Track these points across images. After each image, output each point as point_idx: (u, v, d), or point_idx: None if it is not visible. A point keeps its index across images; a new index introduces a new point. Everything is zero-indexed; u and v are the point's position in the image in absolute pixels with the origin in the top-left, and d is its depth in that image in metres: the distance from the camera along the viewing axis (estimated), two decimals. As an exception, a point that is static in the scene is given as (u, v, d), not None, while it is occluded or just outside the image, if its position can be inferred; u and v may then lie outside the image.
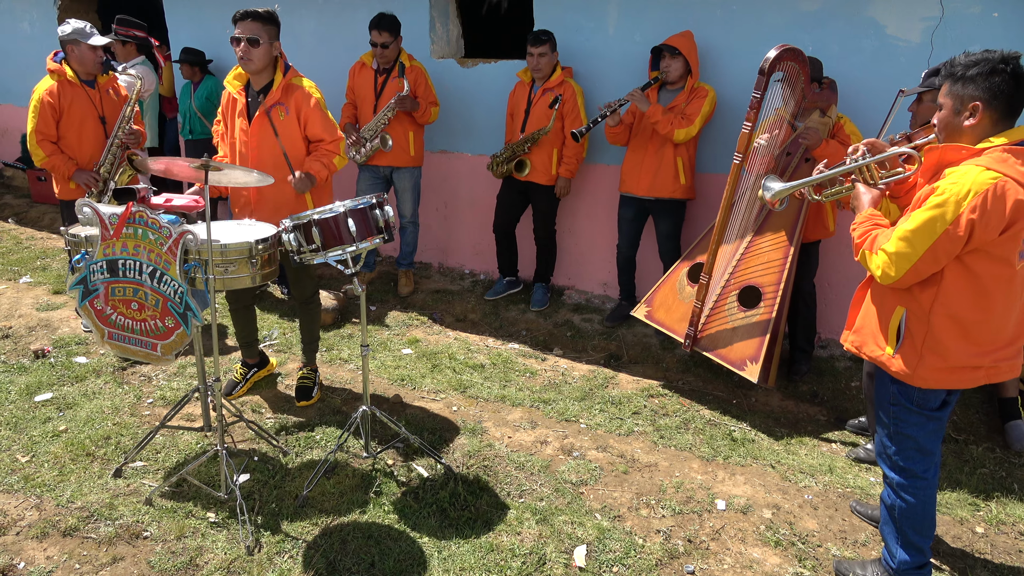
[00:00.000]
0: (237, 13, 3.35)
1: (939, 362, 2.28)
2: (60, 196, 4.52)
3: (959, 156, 2.20)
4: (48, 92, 4.32)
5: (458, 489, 3.09)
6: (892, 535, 2.53)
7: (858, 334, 2.48)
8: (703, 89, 4.35)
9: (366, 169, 5.23)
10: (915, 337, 2.29)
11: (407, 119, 5.07)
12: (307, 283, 3.73)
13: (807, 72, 3.68)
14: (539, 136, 4.80)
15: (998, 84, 2.14)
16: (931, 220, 2.14)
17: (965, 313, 2.23)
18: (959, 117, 2.22)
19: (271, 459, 3.32)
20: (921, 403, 2.37)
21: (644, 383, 4.17)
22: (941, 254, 2.16)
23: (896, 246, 2.20)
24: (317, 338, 3.89)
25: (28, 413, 3.65)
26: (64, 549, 2.73)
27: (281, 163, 3.49)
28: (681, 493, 3.16)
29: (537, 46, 4.70)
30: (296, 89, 3.50)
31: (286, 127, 3.49)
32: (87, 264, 2.91)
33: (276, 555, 2.72)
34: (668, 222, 4.62)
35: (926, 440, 2.42)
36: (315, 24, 5.95)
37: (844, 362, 4.40)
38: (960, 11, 3.80)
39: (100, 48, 4.38)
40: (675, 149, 4.43)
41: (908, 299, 2.30)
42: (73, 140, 4.40)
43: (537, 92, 4.83)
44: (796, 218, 3.88)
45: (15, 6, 8.06)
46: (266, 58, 3.43)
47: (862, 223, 2.41)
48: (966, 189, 2.10)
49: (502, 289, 5.39)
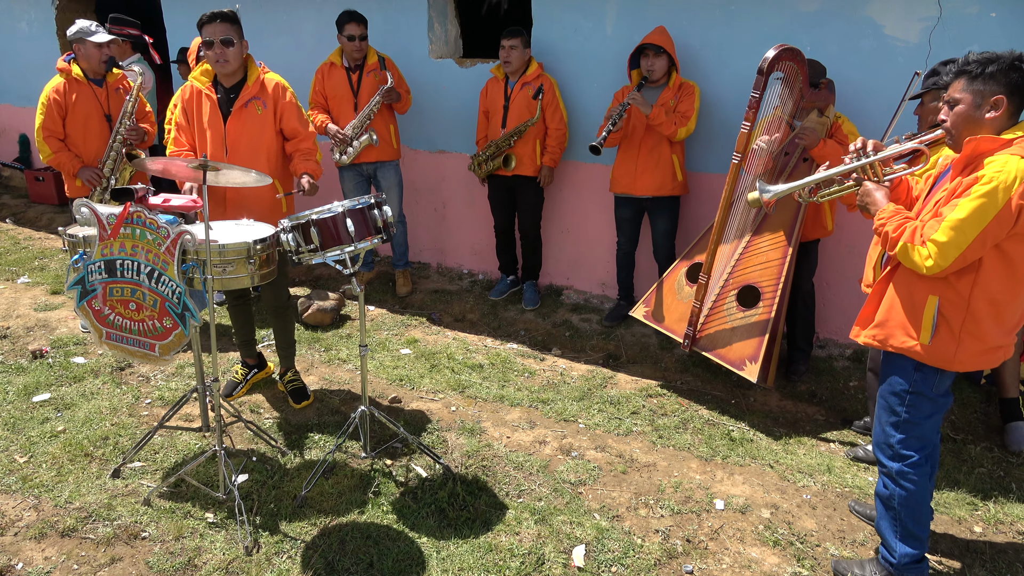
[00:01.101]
0: (205, 16, 3.34)
1: (977, 345, 2.36)
2: (69, 194, 4.58)
3: (993, 146, 2.27)
4: (55, 90, 4.40)
5: (457, 489, 3.09)
6: (890, 529, 2.54)
7: (882, 328, 2.50)
8: (689, 85, 4.40)
9: (349, 169, 5.23)
10: (952, 323, 2.35)
11: (387, 112, 5.11)
12: (282, 288, 3.70)
13: (805, 72, 3.68)
14: (525, 128, 4.84)
15: (1016, 80, 2.26)
16: (982, 207, 2.20)
17: (1001, 295, 2.32)
18: (980, 111, 2.31)
19: (269, 459, 3.32)
20: (938, 389, 2.45)
21: (643, 383, 4.17)
22: (989, 239, 2.23)
23: (947, 235, 2.25)
24: (294, 342, 3.86)
25: (26, 413, 3.65)
26: (62, 550, 2.73)
27: (256, 161, 3.49)
28: (680, 493, 3.16)
29: (510, 38, 4.77)
30: (271, 83, 3.53)
31: (262, 121, 3.52)
32: (85, 264, 2.91)
33: (275, 555, 2.72)
34: (666, 220, 4.64)
35: (931, 428, 2.49)
36: (315, 24, 5.95)
37: (843, 362, 4.40)
38: (958, 11, 3.81)
39: (104, 45, 4.45)
40: (671, 147, 4.48)
41: (943, 287, 2.35)
42: (78, 137, 4.47)
43: (515, 87, 4.87)
44: (795, 218, 3.88)
45: (13, 6, 8.05)
46: (239, 57, 3.45)
47: (891, 217, 2.43)
48: (1012, 176, 2.18)
49: (506, 288, 5.40)
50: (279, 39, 6.10)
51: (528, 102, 4.84)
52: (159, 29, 7.02)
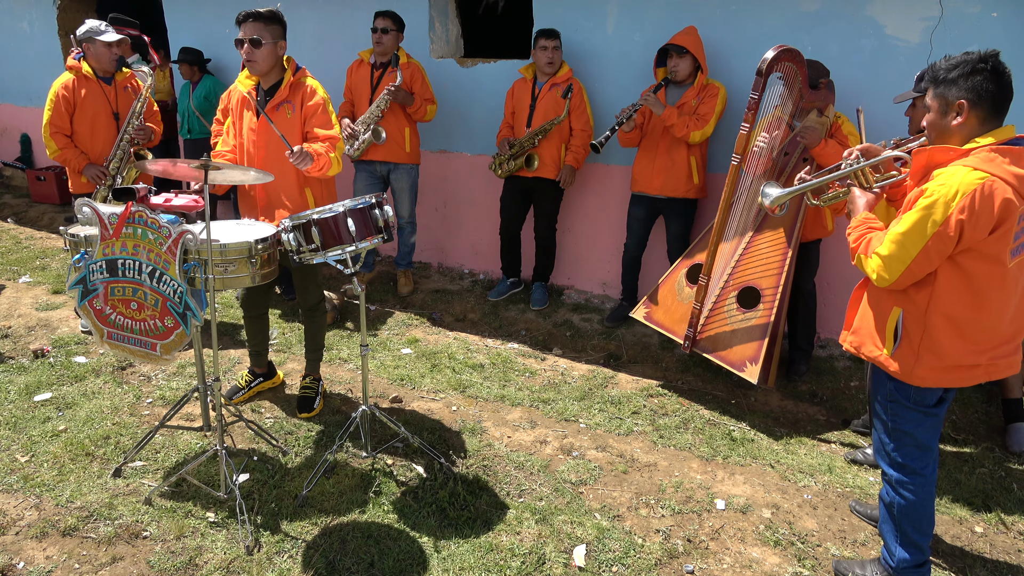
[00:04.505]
0: (240, 15, 3.31)
1: (936, 361, 2.30)
2: (73, 191, 4.59)
3: (947, 157, 2.22)
4: (64, 86, 4.42)
5: (457, 489, 3.09)
6: (891, 533, 2.53)
7: (856, 335, 2.50)
8: (714, 87, 4.33)
9: (362, 167, 5.23)
10: (912, 337, 2.31)
11: (403, 116, 5.08)
12: (313, 290, 3.69)
13: (805, 72, 3.68)
14: (551, 127, 4.83)
15: (980, 83, 2.17)
16: (921, 221, 2.16)
17: (960, 312, 2.25)
18: (946, 118, 2.25)
19: (270, 459, 3.32)
20: (918, 400, 2.39)
21: (643, 383, 4.17)
22: (933, 255, 2.18)
23: (889, 249, 2.23)
24: (322, 346, 3.83)
25: (27, 413, 3.65)
26: (63, 549, 2.73)
27: (286, 163, 3.45)
28: (680, 493, 3.16)
29: (552, 39, 4.76)
30: (303, 87, 3.48)
31: (292, 125, 3.46)
32: (86, 264, 2.91)
33: (275, 555, 2.72)
34: (679, 222, 4.62)
35: (924, 436, 2.43)
36: (315, 24, 5.95)
37: (843, 362, 4.40)
38: (959, 11, 3.80)
39: (114, 44, 4.47)
40: (688, 148, 4.44)
41: (904, 300, 2.32)
42: (85, 134, 4.48)
43: (543, 87, 4.86)
44: (794, 218, 3.88)
45: (15, 6, 8.05)
46: (271, 58, 3.40)
47: (856, 227, 2.45)
48: (954, 190, 2.11)
49: (505, 289, 5.40)
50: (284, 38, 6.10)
51: (555, 102, 4.83)
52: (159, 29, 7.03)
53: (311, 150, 3.35)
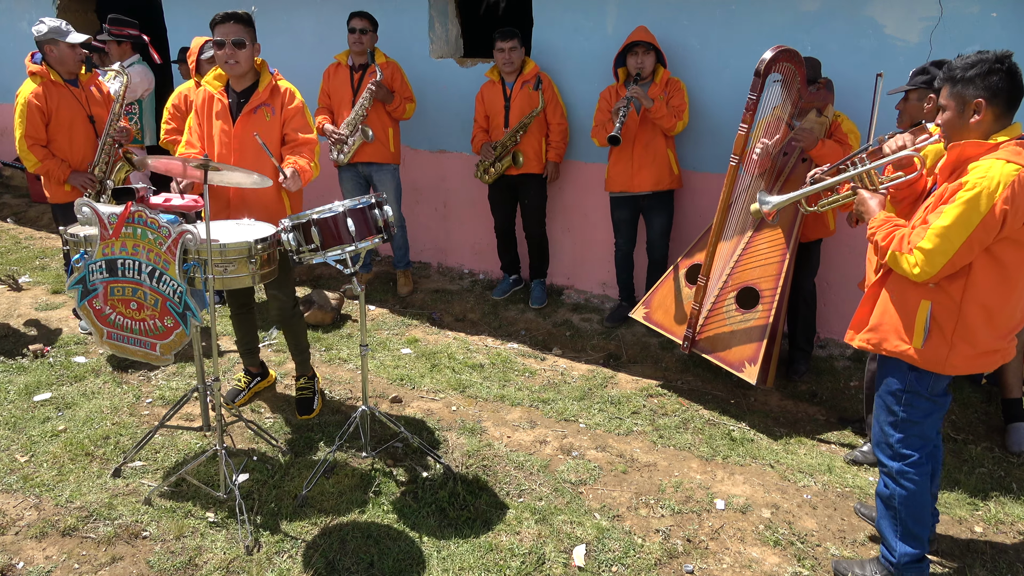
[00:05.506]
0: (218, 16, 3.29)
1: (969, 349, 2.37)
2: (52, 200, 4.44)
3: (978, 151, 2.27)
4: (34, 95, 4.24)
5: (457, 489, 3.09)
6: (891, 528, 2.55)
7: (875, 332, 2.51)
8: (675, 80, 4.46)
9: (347, 170, 5.22)
10: (944, 328, 2.36)
11: (385, 115, 5.09)
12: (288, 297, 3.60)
13: (803, 73, 3.68)
14: (530, 120, 4.85)
15: (996, 82, 2.25)
16: (966, 213, 2.21)
17: (992, 300, 2.32)
18: (963, 117, 2.31)
19: (270, 459, 3.32)
20: (933, 390, 2.46)
21: (643, 383, 4.18)
22: (976, 245, 2.24)
23: (932, 242, 2.26)
24: (306, 347, 3.78)
25: (27, 413, 3.65)
26: (63, 549, 2.73)
27: (263, 164, 3.43)
28: (680, 493, 3.16)
29: (508, 40, 4.78)
30: (282, 90, 3.47)
31: (270, 128, 3.43)
32: (86, 264, 2.91)
33: (275, 555, 2.72)
34: (663, 217, 4.67)
35: (930, 426, 2.50)
36: (315, 24, 5.95)
37: (843, 362, 4.40)
38: (959, 11, 3.81)
39: (79, 45, 4.30)
40: (666, 141, 4.52)
41: (934, 293, 2.37)
42: (64, 142, 4.33)
43: (514, 86, 4.89)
44: (793, 218, 3.88)
45: (14, 5, 8.05)
46: (250, 60, 3.39)
47: (881, 225, 2.46)
48: (996, 181, 2.18)
49: (508, 287, 5.41)
50: (279, 39, 6.10)
51: (529, 97, 4.86)
52: (159, 29, 7.03)
53: (297, 166, 3.34)
